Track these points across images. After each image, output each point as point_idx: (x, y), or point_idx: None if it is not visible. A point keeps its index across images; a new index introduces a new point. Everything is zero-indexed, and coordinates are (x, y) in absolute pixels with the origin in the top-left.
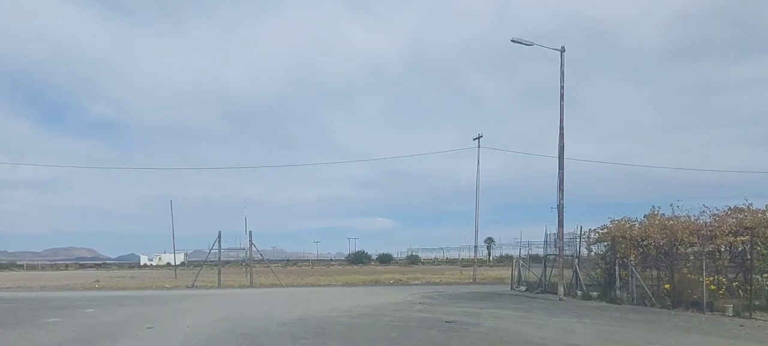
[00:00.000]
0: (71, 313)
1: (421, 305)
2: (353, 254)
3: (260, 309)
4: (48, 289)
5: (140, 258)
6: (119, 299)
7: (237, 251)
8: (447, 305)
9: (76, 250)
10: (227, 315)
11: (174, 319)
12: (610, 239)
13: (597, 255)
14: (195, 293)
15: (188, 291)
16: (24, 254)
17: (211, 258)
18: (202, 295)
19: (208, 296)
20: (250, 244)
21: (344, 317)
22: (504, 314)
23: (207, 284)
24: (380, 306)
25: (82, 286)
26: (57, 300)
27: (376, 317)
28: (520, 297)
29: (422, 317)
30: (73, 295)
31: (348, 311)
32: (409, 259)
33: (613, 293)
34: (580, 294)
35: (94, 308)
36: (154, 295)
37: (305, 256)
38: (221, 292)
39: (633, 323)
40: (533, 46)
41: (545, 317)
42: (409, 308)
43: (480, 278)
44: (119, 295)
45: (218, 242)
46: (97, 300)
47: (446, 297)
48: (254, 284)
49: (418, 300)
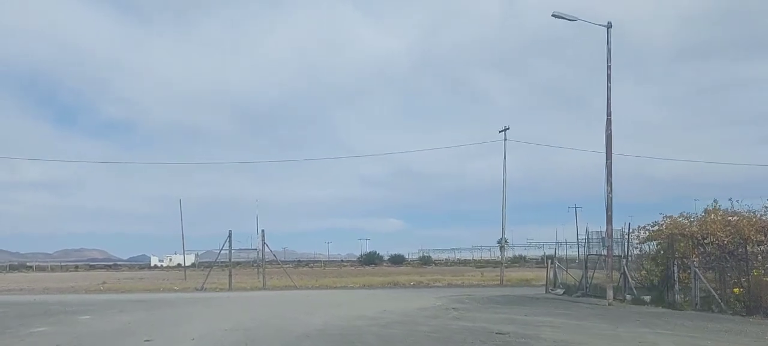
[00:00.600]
0: (63, 320)
1: (456, 311)
2: (365, 254)
3: (276, 316)
4: (51, 292)
5: (151, 259)
6: (121, 304)
7: (248, 252)
8: (484, 311)
9: (87, 251)
10: (239, 323)
11: (177, 328)
12: (665, 237)
13: (646, 255)
14: (204, 296)
15: (197, 294)
16: (36, 255)
17: (222, 259)
18: (211, 298)
19: (218, 299)
20: (263, 243)
21: (373, 326)
22: (558, 322)
23: (217, 286)
24: (410, 313)
25: (87, 288)
26: (54, 305)
27: (409, 326)
28: (562, 302)
29: (463, 327)
30: (73, 299)
31: (375, 318)
32: (421, 259)
33: (672, 297)
34: (630, 298)
35: (90, 314)
36: (160, 298)
37: (316, 257)
38: (232, 295)
39: (724, 335)
40: (577, 21)
41: (609, 327)
42: (443, 315)
43: (504, 279)
44: (123, 298)
45: (229, 241)
46: (97, 305)
47: (478, 301)
48: (267, 285)
49: (448, 305)
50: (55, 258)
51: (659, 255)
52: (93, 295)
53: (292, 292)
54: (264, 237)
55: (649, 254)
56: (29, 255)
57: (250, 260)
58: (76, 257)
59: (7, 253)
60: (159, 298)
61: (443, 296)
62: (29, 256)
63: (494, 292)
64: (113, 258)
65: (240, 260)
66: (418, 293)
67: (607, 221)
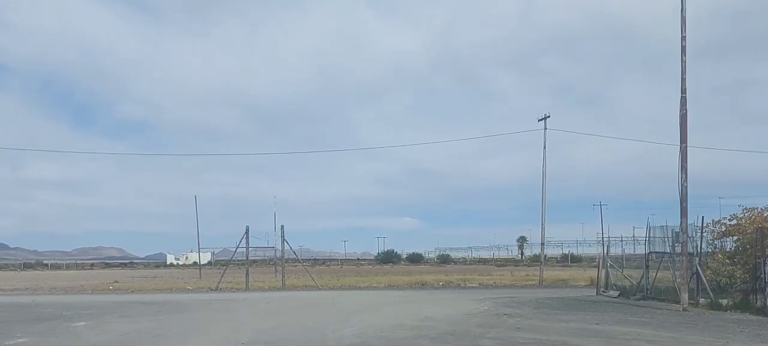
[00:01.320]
0: (52, 329)
1: (510, 318)
2: (383, 253)
3: (301, 323)
4: (56, 291)
5: (167, 257)
6: (127, 307)
7: (264, 249)
8: (544, 318)
9: (105, 249)
10: (258, 334)
11: (184, 342)
12: (750, 232)
13: (718, 253)
14: (219, 297)
15: (211, 295)
16: (54, 254)
17: (238, 257)
18: (226, 300)
19: (234, 301)
20: (282, 240)
21: (422, 340)
22: (649, 335)
23: (233, 285)
24: (457, 320)
25: (96, 288)
26: (52, 307)
27: (466, 340)
28: (626, 306)
29: (534, 341)
30: (76, 300)
31: (419, 328)
32: (439, 258)
33: (763, 301)
34: (704, 302)
35: (87, 320)
36: (170, 300)
37: (331, 255)
38: (249, 296)
39: None
40: None
41: (714, 341)
42: (498, 323)
43: (535, 279)
44: (130, 300)
45: (246, 238)
46: (99, 308)
47: (527, 305)
48: (286, 285)
49: (496, 309)
50: (73, 256)
51: (743, 252)
52: (100, 295)
53: (314, 293)
54: (284, 233)
55: (725, 252)
56: (47, 253)
57: (266, 258)
58: (93, 255)
59: (26, 251)
60: (170, 299)
61: (483, 297)
62: (47, 254)
63: (537, 293)
64: (130, 256)
65: (256, 259)
66: (452, 294)
67: (681, 214)
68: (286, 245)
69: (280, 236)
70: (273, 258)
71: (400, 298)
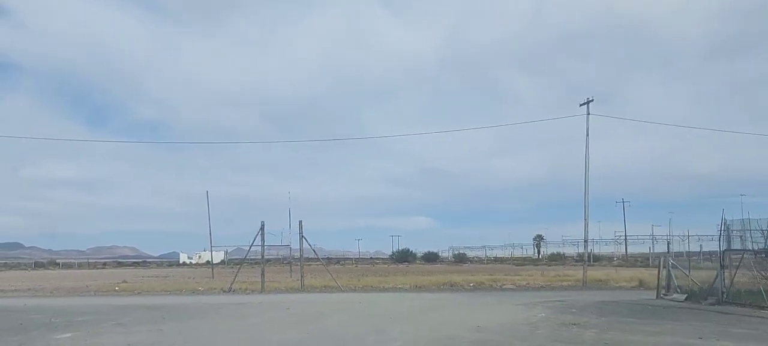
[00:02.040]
0: (29, 342)
1: (582, 329)
2: (398, 252)
3: (332, 335)
4: (58, 293)
5: (180, 256)
6: (127, 312)
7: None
8: (624, 330)
9: (119, 248)
10: None
11: None
12: None
13: None
14: (232, 300)
15: (224, 297)
16: (69, 253)
17: (252, 255)
18: (241, 303)
19: (249, 305)
20: (301, 237)
21: None
22: None
23: (247, 286)
24: (518, 331)
25: (101, 289)
26: (42, 313)
27: None
28: (705, 312)
29: None
30: (74, 303)
31: (477, 342)
32: (455, 257)
33: None
34: None
35: (76, 331)
36: (178, 304)
37: (344, 254)
38: (265, 299)
39: None
40: None
41: None
42: (573, 337)
43: (571, 279)
44: (133, 303)
45: (261, 234)
46: (95, 313)
47: (591, 312)
48: (305, 286)
49: (558, 317)
50: (88, 255)
51: None
52: (102, 297)
53: (336, 295)
54: (302, 229)
55: None
56: (62, 252)
57: (280, 257)
58: (107, 254)
59: (41, 250)
60: (177, 303)
61: (530, 301)
62: (62, 253)
63: (586, 296)
64: (144, 255)
65: (269, 258)
66: (490, 297)
67: None
68: (305, 242)
69: (298, 233)
70: (287, 257)
71: (435, 302)
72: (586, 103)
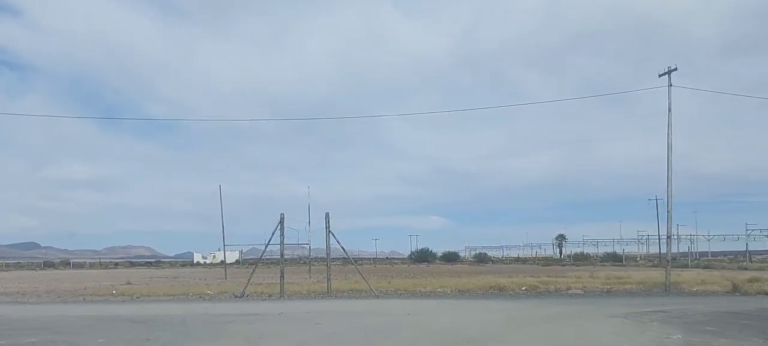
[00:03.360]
0: None
1: None
2: (417, 251)
3: None
4: (46, 299)
5: (194, 256)
6: (101, 329)
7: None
8: None
9: (134, 248)
10: None
11: None
12: None
13: None
14: (244, 309)
15: (235, 305)
16: (84, 253)
17: (269, 255)
18: (255, 315)
19: (266, 317)
20: (328, 232)
21: None
22: None
23: (263, 289)
24: None
25: (98, 292)
26: (5, 328)
27: None
28: None
29: None
30: (49, 313)
31: None
32: (476, 257)
33: None
34: None
35: None
36: (176, 315)
37: (360, 254)
38: (286, 307)
39: None
40: None
41: None
42: None
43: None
44: (121, 314)
45: (280, 229)
46: (56, 331)
47: (731, 329)
48: (332, 291)
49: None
50: (103, 255)
51: None
52: (91, 304)
53: (371, 302)
54: (329, 222)
55: None
56: (77, 252)
57: (296, 256)
58: (123, 254)
59: (57, 250)
60: (176, 314)
61: (623, 312)
62: (77, 253)
63: (687, 305)
64: (159, 255)
65: (286, 257)
66: (565, 306)
67: None
68: (333, 239)
69: (325, 228)
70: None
71: (504, 313)
72: (668, 73)
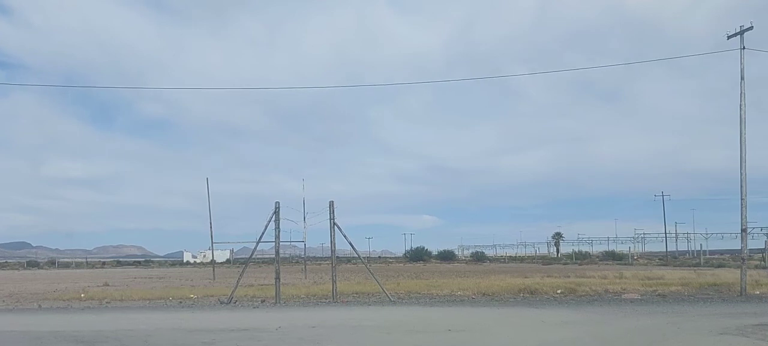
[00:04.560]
0: None
1: None
2: (412, 250)
3: None
4: (11, 302)
5: (183, 255)
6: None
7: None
8: None
9: (125, 247)
10: None
11: None
12: None
13: None
14: (231, 322)
15: (220, 314)
16: (75, 252)
17: (259, 254)
18: (244, 331)
19: (259, 340)
20: (332, 225)
21: None
22: None
23: (256, 293)
24: None
25: (62, 296)
26: None
27: None
28: None
29: None
30: None
31: None
32: (473, 256)
33: None
34: None
35: None
36: (141, 330)
37: (352, 253)
38: (284, 320)
39: None
40: None
41: None
42: None
43: (671, 283)
44: (69, 329)
45: (275, 219)
46: None
47: None
48: (337, 295)
49: None
50: (94, 255)
51: None
52: (46, 313)
53: (387, 311)
54: (333, 212)
55: None
56: (68, 252)
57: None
58: (114, 253)
59: (48, 250)
60: (140, 329)
61: (723, 325)
62: (68, 253)
63: None
64: (150, 255)
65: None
66: (639, 316)
67: None
68: (339, 232)
69: (330, 219)
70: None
71: (575, 328)
72: (739, 34)
